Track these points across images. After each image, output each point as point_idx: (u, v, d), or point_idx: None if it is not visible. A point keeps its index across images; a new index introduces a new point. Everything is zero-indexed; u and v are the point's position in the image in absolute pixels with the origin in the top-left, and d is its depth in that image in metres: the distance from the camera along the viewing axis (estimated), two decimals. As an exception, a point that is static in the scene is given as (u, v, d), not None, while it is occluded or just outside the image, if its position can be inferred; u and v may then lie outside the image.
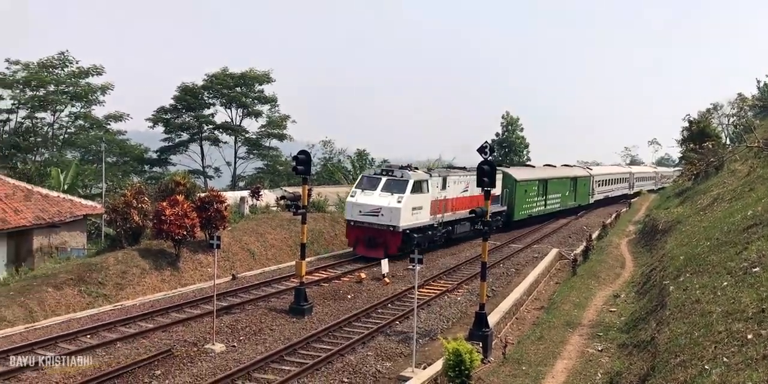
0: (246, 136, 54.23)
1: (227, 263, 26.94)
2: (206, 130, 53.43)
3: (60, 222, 29.19)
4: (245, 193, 35.54)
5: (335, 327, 19.05)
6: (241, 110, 53.58)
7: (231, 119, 53.83)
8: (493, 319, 19.07)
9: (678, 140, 57.12)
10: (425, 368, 15.57)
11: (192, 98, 51.40)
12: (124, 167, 50.15)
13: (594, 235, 36.31)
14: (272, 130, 54.15)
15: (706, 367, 10.53)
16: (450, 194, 31.92)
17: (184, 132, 53.05)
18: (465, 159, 44.06)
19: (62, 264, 24.03)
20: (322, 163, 58.04)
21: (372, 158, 57.90)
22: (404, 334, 18.52)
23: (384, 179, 28.57)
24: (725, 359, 10.48)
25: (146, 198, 27.30)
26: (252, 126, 54.78)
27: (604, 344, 18.09)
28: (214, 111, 53.38)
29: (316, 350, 17.17)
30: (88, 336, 17.40)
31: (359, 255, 28.69)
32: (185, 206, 24.98)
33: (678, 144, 57.35)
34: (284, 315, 20.10)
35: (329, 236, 33.93)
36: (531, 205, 42.55)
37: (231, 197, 32.09)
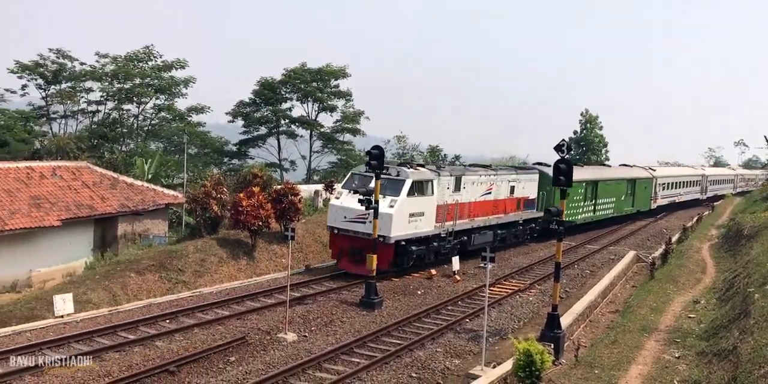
0: (321, 131, 54.95)
1: (301, 254, 27.45)
2: (283, 124, 54.42)
3: (143, 210, 30.40)
4: (319, 187, 36.06)
5: (405, 322, 19.12)
6: (317, 105, 54.30)
7: (307, 113, 54.65)
8: (566, 321, 18.71)
9: None
10: (495, 367, 15.43)
11: (270, 92, 52.41)
12: (205, 159, 51.68)
13: (674, 239, 35.10)
14: (346, 125, 54.68)
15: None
16: (466, 197, 26.88)
17: (262, 126, 54.20)
18: (543, 158, 38.70)
19: (144, 250, 25.04)
20: (395, 159, 58.26)
21: (444, 154, 57.71)
22: (474, 333, 18.41)
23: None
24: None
25: (225, 189, 28.13)
26: (327, 120, 55.51)
27: (682, 351, 17.47)
28: (291, 105, 54.32)
29: (386, 344, 17.28)
30: (167, 321, 18.05)
31: (342, 271, 24.15)
32: (260, 198, 25.58)
33: (768, 144, 54.37)
34: (354, 308, 20.31)
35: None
36: (575, 211, 36.65)
37: (305, 190, 32.65)
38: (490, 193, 28.71)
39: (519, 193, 31.16)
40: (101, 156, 42.72)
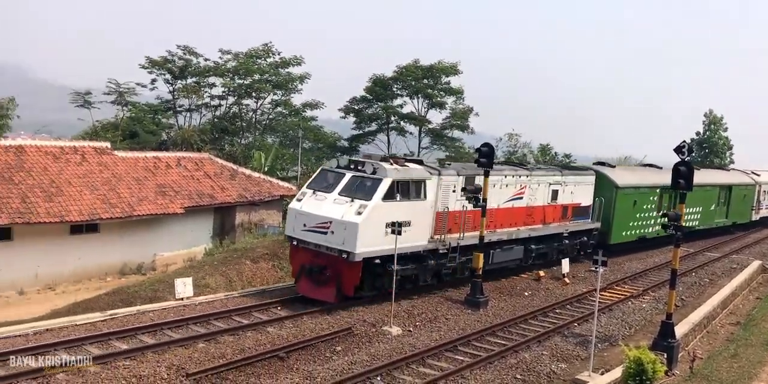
0: (429, 127, 55.05)
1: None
2: (393, 121, 54.94)
3: (260, 201, 31.69)
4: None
5: (511, 322, 18.91)
6: (426, 101, 54.41)
7: (417, 110, 54.89)
8: (681, 330, 17.89)
9: None
10: (603, 374, 15.02)
11: (381, 89, 53.05)
12: (318, 153, 53.04)
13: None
14: (456, 122, 54.48)
15: None
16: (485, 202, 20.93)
17: (373, 122, 54.96)
18: (662, 160, 33.04)
19: (259, 239, 26.10)
20: (506, 157, 57.47)
21: (555, 152, 56.34)
22: (582, 337, 17.96)
23: (348, 176, 18.99)
24: None
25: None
26: (436, 117, 55.49)
27: (811, 370, 16.30)
28: (403, 102, 54.73)
29: (490, 344, 17.17)
30: (278, 308, 18.73)
31: (300, 294, 19.40)
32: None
33: None
34: (459, 306, 20.27)
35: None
36: (643, 223, 30.30)
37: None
38: (521, 198, 23.56)
39: (565, 199, 25.59)
40: (222, 148, 44.80)
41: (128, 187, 27.20)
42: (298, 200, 19.41)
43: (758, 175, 42.85)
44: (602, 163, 30.93)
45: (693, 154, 17.55)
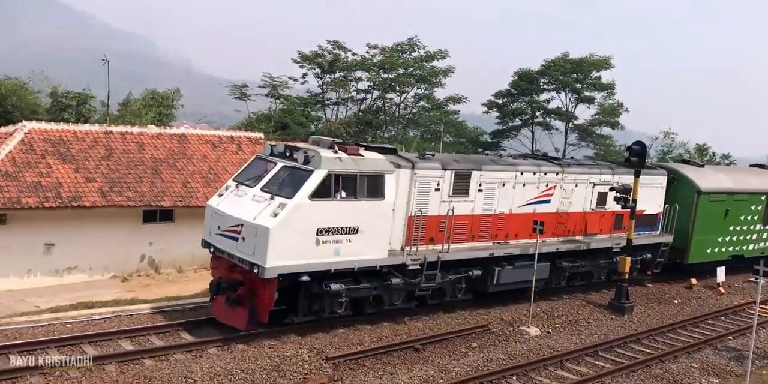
0: (576, 123, 53.25)
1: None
2: (538, 116, 53.69)
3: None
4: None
5: (657, 330, 17.96)
6: (574, 96, 52.65)
7: (563, 105, 53.27)
8: None
9: None
10: (761, 393, 13.88)
11: (527, 83, 51.96)
12: (459, 147, 52.88)
13: None
14: (605, 118, 52.30)
15: None
16: (485, 205, 17.45)
17: (517, 117, 54.00)
18: None
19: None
20: (659, 157, 54.43)
21: (713, 153, 52.61)
22: (738, 352, 16.71)
23: (279, 166, 14.98)
24: None
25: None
26: (584, 113, 53.57)
27: None
28: (550, 97, 53.34)
29: (634, 351, 16.40)
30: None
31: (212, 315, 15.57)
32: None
33: None
34: (602, 310, 19.49)
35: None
36: (739, 238, 24.63)
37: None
38: (548, 202, 18.96)
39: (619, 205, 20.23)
40: (365, 140, 45.80)
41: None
42: (219, 195, 15.66)
43: None
44: (686, 162, 26.46)
45: None
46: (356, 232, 14.63)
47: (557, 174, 19.16)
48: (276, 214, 13.62)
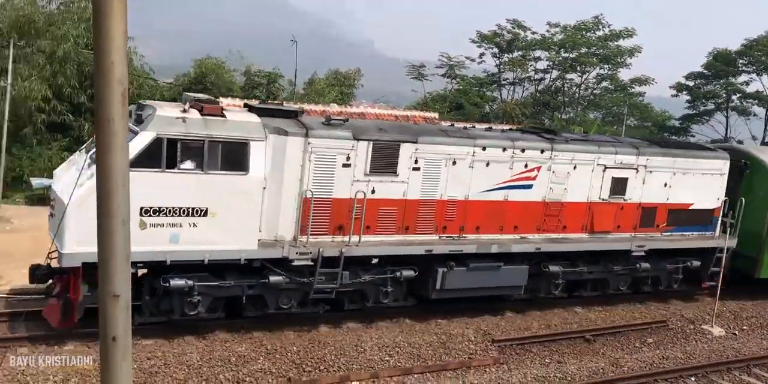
0: (780, 109, 48.22)
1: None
2: (734, 100, 49.28)
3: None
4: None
5: None
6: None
7: (765, 89, 48.42)
8: None
9: None
10: None
11: (723, 65, 47.77)
12: (642, 132, 50.04)
13: None
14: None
15: None
16: (429, 189, 13.75)
17: (709, 101, 49.95)
18: None
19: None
20: None
21: None
22: None
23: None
24: None
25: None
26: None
27: None
28: (748, 79, 48.69)
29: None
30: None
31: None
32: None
33: None
34: (801, 315, 17.68)
35: None
36: None
37: None
38: (529, 187, 14.75)
39: (646, 195, 16.21)
40: (541, 122, 44.70)
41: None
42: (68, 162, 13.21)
43: None
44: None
45: None
46: (204, 215, 11.59)
47: (542, 152, 14.78)
48: (82, 186, 10.61)
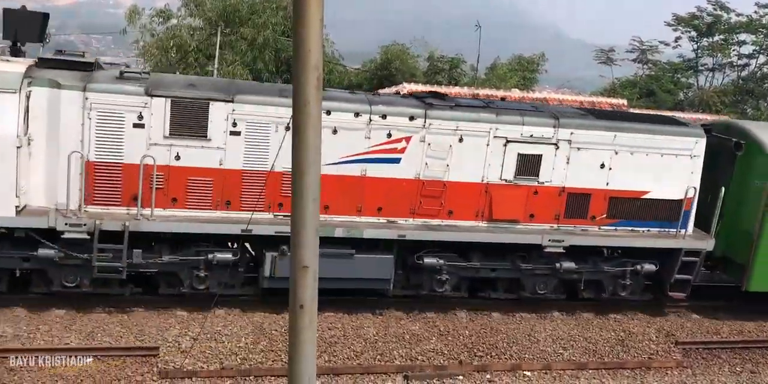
0: None
1: None
2: None
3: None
4: None
5: None
6: None
7: None
8: None
9: None
10: None
11: None
12: None
13: None
14: None
15: None
16: (254, 157, 11.71)
17: None
18: None
19: None
20: None
21: None
22: None
23: None
24: None
25: None
26: None
27: None
28: None
29: None
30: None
31: None
32: None
33: None
34: None
35: None
36: None
37: None
38: (396, 161, 12.20)
39: (573, 178, 12.95)
40: (743, 112, 41.04)
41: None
42: None
43: None
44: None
45: None
46: None
47: (412, 119, 12.21)
48: None
